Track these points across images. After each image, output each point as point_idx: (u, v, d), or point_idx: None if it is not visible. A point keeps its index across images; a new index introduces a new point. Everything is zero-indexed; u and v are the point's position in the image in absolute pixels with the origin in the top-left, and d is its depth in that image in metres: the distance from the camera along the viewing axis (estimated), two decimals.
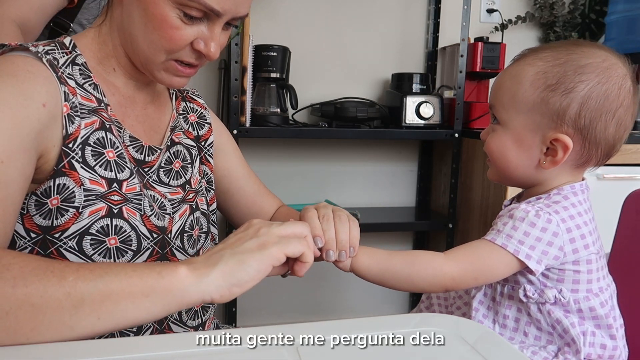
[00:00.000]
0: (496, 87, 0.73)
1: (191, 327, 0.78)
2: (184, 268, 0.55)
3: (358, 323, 0.56)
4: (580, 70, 0.66)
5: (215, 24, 0.68)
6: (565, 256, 0.67)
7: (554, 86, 0.67)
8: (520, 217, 0.68)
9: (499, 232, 0.68)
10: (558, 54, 0.69)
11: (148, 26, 0.67)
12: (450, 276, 0.68)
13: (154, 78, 0.73)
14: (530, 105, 0.68)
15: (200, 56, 0.71)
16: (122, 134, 0.72)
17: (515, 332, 0.71)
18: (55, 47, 0.70)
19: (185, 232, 0.77)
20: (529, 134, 0.69)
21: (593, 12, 2.00)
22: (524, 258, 0.66)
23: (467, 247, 0.71)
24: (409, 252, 0.73)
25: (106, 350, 0.48)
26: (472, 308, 0.74)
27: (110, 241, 0.67)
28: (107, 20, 0.74)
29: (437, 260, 0.69)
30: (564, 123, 0.67)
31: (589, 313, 0.68)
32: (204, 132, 0.87)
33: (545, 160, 0.70)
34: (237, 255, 0.57)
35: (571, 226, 0.67)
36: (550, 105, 0.67)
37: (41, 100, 0.63)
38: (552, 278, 0.68)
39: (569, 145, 0.67)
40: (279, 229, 0.61)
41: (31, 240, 0.65)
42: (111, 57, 0.74)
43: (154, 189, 0.75)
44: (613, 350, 0.68)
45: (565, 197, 0.69)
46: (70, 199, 0.65)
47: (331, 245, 0.67)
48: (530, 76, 0.69)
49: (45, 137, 0.63)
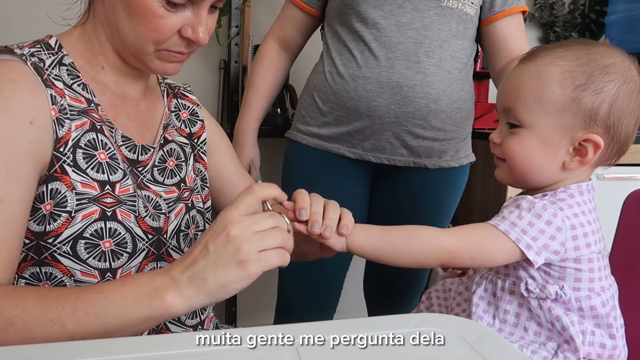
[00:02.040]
0: (515, 89, 0.71)
1: (190, 326, 0.78)
2: (171, 296, 0.58)
3: (358, 323, 0.56)
4: (606, 70, 0.67)
5: (201, 7, 0.68)
6: (566, 252, 0.67)
7: (584, 86, 0.66)
8: (527, 208, 0.68)
9: (503, 219, 0.68)
10: (577, 53, 0.68)
11: (133, 18, 0.66)
12: (448, 249, 0.68)
13: (148, 68, 0.72)
14: (559, 106, 0.67)
15: (189, 44, 0.70)
16: (114, 133, 0.72)
17: (515, 327, 0.71)
18: (40, 48, 0.69)
19: (181, 231, 0.77)
20: (557, 135, 0.68)
21: (593, 12, 2.00)
22: (524, 247, 0.66)
23: (469, 226, 0.71)
24: (405, 227, 0.72)
25: (106, 350, 0.48)
26: (473, 303, 0.74)
27: (105, 244, 0.66)
28: (90, 17, 0.72)
29: (435, 234, 0.69)
30: (595, 123, 0.67)
31: (590, 312, 0.68)
32: (196, 129, 0.86)
33: (572, 160, 0.69)
34: (220, 279, 0.59)
35: (575, 224, 0.67)
36: (582, 105, 0.66)
37: (28, 117, 0.62)
38: (554, 275, 0.68)
39: (601, 145, 0.67)
40: (259, 244, 0.60)
41: (25, 247, 0.65)
42: (98, 54, 0.73)
43: (149, 188, 0.74)
44: (612, 349, 0.68)
45: (571, 195, 0.69)
46: (62, 203, 0.64)
47: (317, 218, 0.67)
48: (556, 76, 0.67)
49: (40, 153, 0.63)
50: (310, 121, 1.22)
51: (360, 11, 1.10)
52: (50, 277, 0.65)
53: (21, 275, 0.66)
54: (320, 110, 1.19)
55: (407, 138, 1.14)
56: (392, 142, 1.15)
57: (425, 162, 1.19)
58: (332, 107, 1.16)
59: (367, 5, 1.09)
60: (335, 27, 1.18)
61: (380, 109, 1.12)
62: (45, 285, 0.66)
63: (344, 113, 1.15)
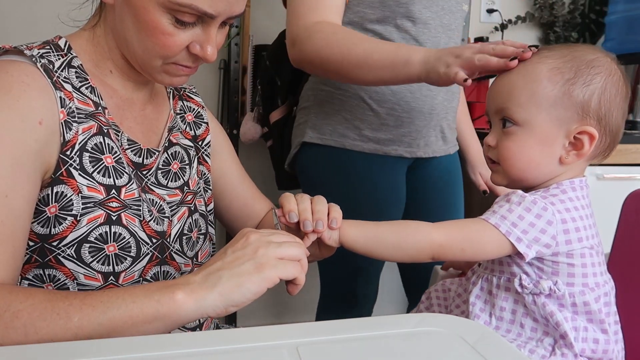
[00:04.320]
0: (507, 89, 0.72)
1: (189, 328, 0.78)
2: (181, 293, 0.56)
3: (358, 323, 0.56)
4: (591, 64, 0.69)
5: (210, 25, 0.67)
6: (558, 246, 0.67)
7: (573, 80, 0.68)
8: (517, 202, 0.68)
9: (494, 213, 0.69)
10: (561, 52, 0.71)
11: (141, 33, 0.66)
12: (438, 243, 0.69)
13: (154, 80, 0.73)
14: (552, 101, 0.69)
15: (197, 59, 0.70)
16: (120, 137, 0.72)
17: (512, 324, 0.71)
18: (50, 50, 0.69)
19: (184, 234, 0.77)
20: (553, 130, 0.70)
21: (593, 12, 2.00)
22: (514, 240, 0.66)
23: (460, 220, 0.74)
24: (396, 222, 0.75)
25: (106, 350, 0.48)
26: (469, 303, 0.74)
27: (109, 248, 0.66)
28: (101, 22, 0.72)
29: (425, 228, 0.71)
30: (588, 115, 0.69)
31: (583, 307, 0.68)
32: (201, 132, 0.86)
33: (569, 154, 0.70)
34: (235, 277, 0.58)
35: (566, 217, 0.68)
36: (574, 97, 0.68)
37: (37, 118, 0.62)
38: (547, 271, 0.69)
39: (595, 136, 0.68)
40: (277, 251, 0.61)
41: (29, 249, 0.65)
42: (107, 59, 0.73)
43: (153, 192, 0.74)
44: (606, 344, 0.69)
45: (564, 191, 0.70)
46: (68, 207, 0.64)
47: (307, 216, 0.68)
48: (545, 72, 0.69)
49: (45, 154, 0.63)
50: (360, 125, 1.16)
51: (413, 11, 1.10)
52: (53, 280, 0.66)
53: (24, 276, 0.66)
54: (375, 113, 1.15)
55: (445, 130, 1.23)
56: (437, 136, 1.21)
57: (450, 149, 1.27)
58: (392, 108, 1.14)
59: (420, 6, 1.11)
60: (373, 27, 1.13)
61: (439, 106, 1.17)
62: (48, 287, 0.66)
63: (406, 113, 1.15)
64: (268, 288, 0.59)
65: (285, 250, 0.61)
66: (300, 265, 0.62)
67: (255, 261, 0.59)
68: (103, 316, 0.55)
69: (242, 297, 0.57)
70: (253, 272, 0.58)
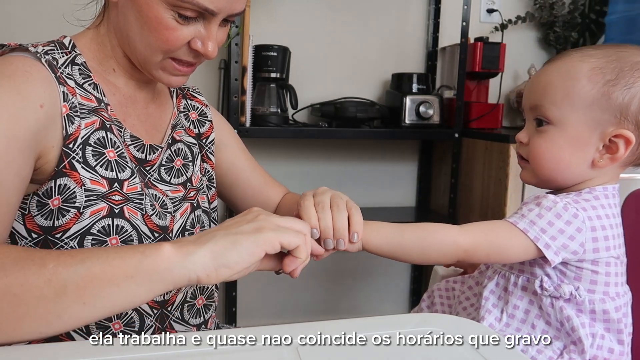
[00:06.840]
0: (542, 86, 0.71)
1: (193, 325, 0.78)
2: (169, 246, 0.53)
3: (358, 323, 0.56)
4: (635, 67, 0.66)
5: (212, 22, 0.68)
6: (585, 253, 0.66)
7: (614, 81, 0.66)
8: (548, 207, 0.67)
9: (522, 217, 0.68)
10: (606, 51, 0.68)
11: (144, 28, 0.67)
12: (464, 248, 0.67)
13: (153, 77, 0.73)
14: (589, 101, 0.67)
15: (197, 55, 0.71)
16: (123, 133, 0.72)
17: (523, 323, 0.70)
18: (54, 47, 0.70)
19: (186, 230, 0.77)
20: (586, 131, 0.68)
21: (593, 12, 2.00)
22: (542, 247, 0.65)
23: (485, 223, 0.70)
24: (420, 225, 0.71)
25: (106, 350, 0.48)
26: (483, 297, 0.74)
27: (112, 241, 0.67)
28: (105, 21, 0.73)
29: (451, 232, 0.69)
30: (626, 118, 0.66)
31: (602, 315, 0.68)
32: (205, 130, 0.87)
33: (602, 158, 0.68)
34: (230, 235, 0.55)
35: (596, 225, 0.66)
36: (612, 100, 0.66)
37: (38, 101, 0.62)
38: (569, 275, 0.68)
39: (632, 140, 0.66)
40: (279, 219, 0.60)
41: (32, 241, 0.65)
42: (110, 57, 0.74)
43: (155, 187, 0.75)
44: (620, 355, 0.68)
45: (596, 197, 0.69)
46: (71, 199, 0.65)
47: (328, 234, 0.66)
48: (585, 71, 0.67)
49: (43, 137, 0.63)
50: None
51: None
52: None
53: None
54: None
55: None
56: None
57: None
58: None
59: None
60: None
61: None
62: None
63: None
64: (267, 253, 0.56)
65: (289, 221, 0.60)
66: (304, 237, 0.60)
67: (255, 223, 0.57)
68: (81, 264, 0.51)
69: (237, 256, 0.54)
70: (250, 232, 0.55)
